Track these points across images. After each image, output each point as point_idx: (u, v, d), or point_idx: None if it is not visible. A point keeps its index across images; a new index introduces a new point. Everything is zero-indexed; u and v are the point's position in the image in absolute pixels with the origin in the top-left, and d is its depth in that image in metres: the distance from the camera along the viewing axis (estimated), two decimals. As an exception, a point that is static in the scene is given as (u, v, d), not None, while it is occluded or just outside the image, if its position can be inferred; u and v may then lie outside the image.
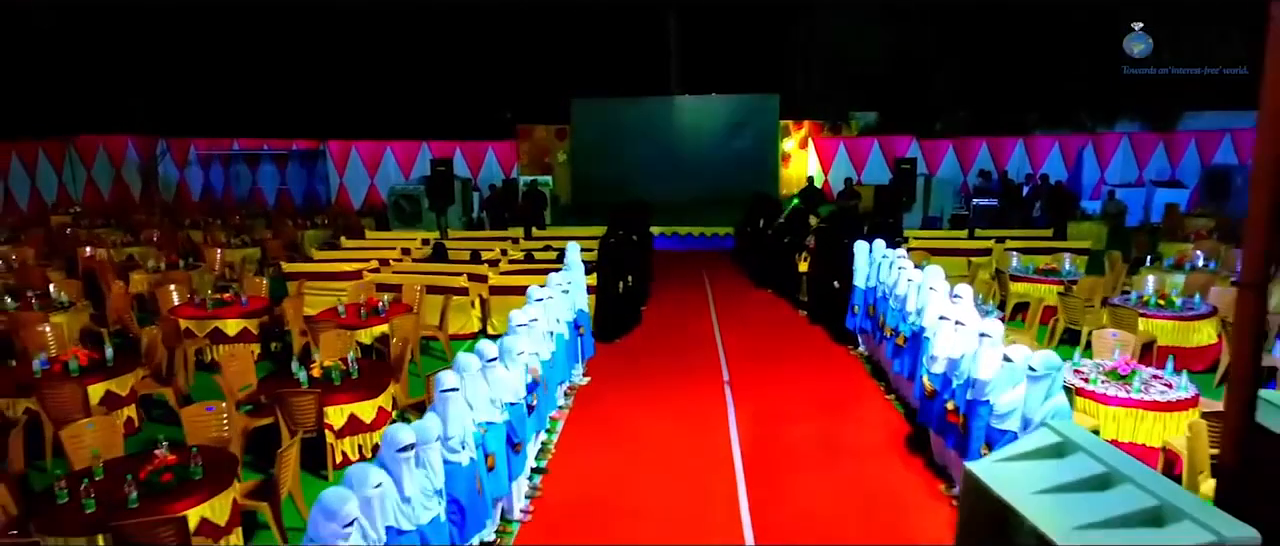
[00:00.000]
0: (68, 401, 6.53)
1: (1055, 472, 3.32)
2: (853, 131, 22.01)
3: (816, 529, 5.57)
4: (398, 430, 4.00)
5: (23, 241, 14.52)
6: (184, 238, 15.53)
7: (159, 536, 4.31)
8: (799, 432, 7.15)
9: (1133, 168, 21.25)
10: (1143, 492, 3.05)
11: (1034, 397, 4.57)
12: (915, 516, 5.64)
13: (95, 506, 4.59)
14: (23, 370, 7.24)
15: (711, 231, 17.92)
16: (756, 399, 8.02)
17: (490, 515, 5.09)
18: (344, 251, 13.20)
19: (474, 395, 4.92)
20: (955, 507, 5.10)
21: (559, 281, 7.74)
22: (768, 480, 6.29)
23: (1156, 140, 20.98)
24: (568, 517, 5.80)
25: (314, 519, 3.44)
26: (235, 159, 23.11)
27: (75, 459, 5.26)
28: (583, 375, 8.61)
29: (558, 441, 7.06)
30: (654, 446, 6.97)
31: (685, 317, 11.31)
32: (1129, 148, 21.17)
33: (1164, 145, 21.05)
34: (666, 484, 6.27)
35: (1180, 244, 13.66)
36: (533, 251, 12.64)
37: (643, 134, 21.19)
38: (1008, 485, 3.31)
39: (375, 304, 9.34)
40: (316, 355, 7.71)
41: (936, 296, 6.69)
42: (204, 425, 5.91)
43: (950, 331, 6.02)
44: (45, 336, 8.21)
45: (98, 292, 11.15)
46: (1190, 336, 8.66)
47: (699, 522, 5.68)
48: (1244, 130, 20.20)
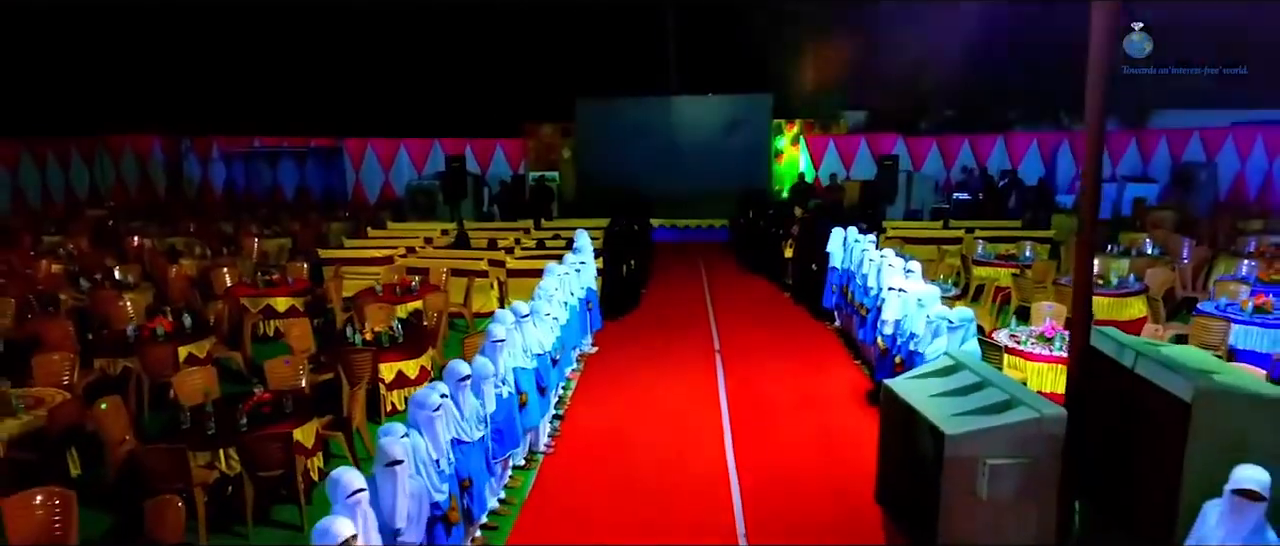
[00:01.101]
0: (162, 360, 7.79)
1: (944, 384, 4.57)
2: (842, 129, 23.24)
3: (786, 457, 6.83)
4: (458, 364, 5.24)
5: (73, 232, 15.77)
6: (217, 230, 16.76)
7: (271, 449, 5.57)
8: (776, 387, 8.42)
9: (1106, 164, 22.43)
10: (1000, 391, 4.30)
11: (953, 343, 5.82)
12: (867, 450, 6.87)
13: (216, 428, 5.84)
14: (115, 337, 8.50)
15: (708, 224, 19.16)
16: (742, 362, 9.29)
17: (521, 441, 6.34)
18: (371, 240, 14.45)
19: (510, 345, 6.17)
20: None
21: (572, 261, 9.00)
22: (748, 423, 7.55)
23: (1129, 138, 22.19)
24: (582, 449, 7.07)
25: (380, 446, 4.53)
26: (256, 156, 24.29)
27: (188, 399, 6.49)
28: (591, 344, 9.86)
29: (572, 396, 8.32)
30: (653, 398, 8.23)
31: (682, 298, 12.58)
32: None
33: (1136, 142, 22.26)
34: (664, 426, 7.54)
35: (1137, 233, 14.90)
36: (543, 240, 13.89)
37: (643, 132, 22.38)
38: (911, 393, 4.56)
39: (408, 284, 10.60)
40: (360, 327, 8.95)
41: (890, 271, 7.94)
42: (283, 375, 7.16)
43: (897, 299, 7.27)
44: (126, 310, 9.46)
45: (150, 277, 12.38)
46: (1123, 310, 9.90)
47: (691, 453, 6.94)
48: (1211, 129, 21.46)
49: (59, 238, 15.33)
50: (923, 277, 7.96)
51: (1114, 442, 4.57)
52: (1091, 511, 5.07)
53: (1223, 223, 16.60)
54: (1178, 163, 21.72)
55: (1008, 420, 4.02)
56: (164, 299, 11.10)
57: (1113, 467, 4.51)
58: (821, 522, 5.77)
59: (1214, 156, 21.83)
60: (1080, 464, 4.35)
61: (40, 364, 7.32)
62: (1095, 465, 4.57)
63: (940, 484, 4.07)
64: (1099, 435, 4.65)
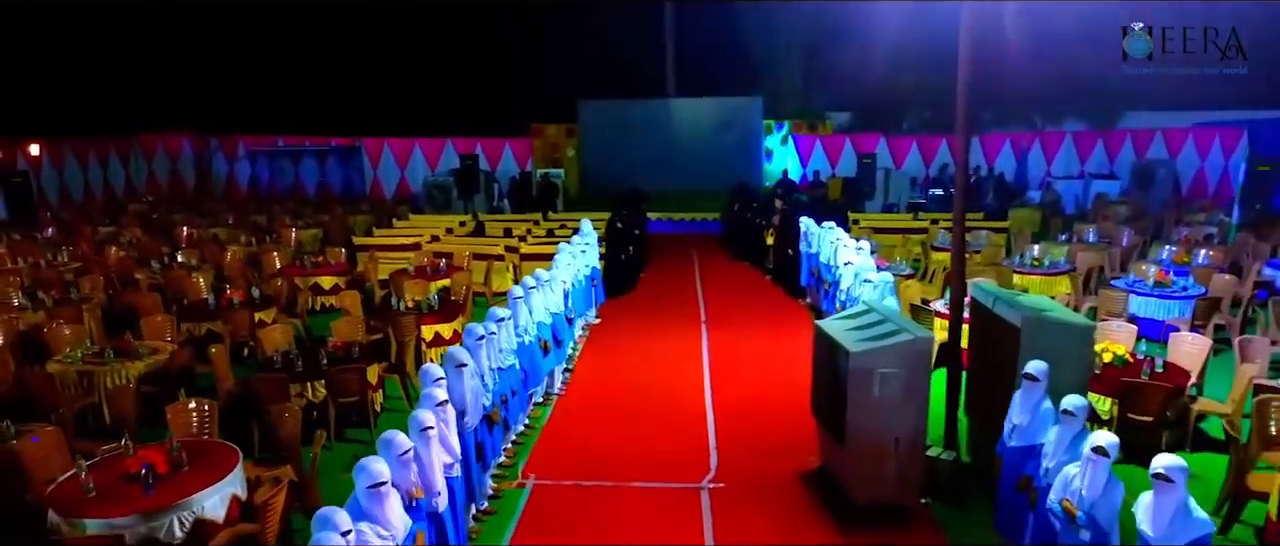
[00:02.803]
0: (241, 323, 9.44)
1: (856, 322, 6.18)
2: (828, 130, 24.87)
3: (750, 393, 8.47)
4: (496, 310, 6.88)
5: (124, 224, 17.43)
6: (251, 222, 18.40)
7: (350, 379, 7.23)
8: (750, 347, 10.07)
9: (1075, 162, 24.03)
10: (892, 324, 5.92)
11: (875, 297, 7.45)
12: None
13: (303, 366, 7.48)
14: (196, 306, 10.15)
15: (702, 216, 20.79)
16: (724, 330, 10.93)
17: (542, 379, 7.99)
18: (397, 230, 16.10)
19: (533, 304, 7.81)
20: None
21: (578, 242, 10.65)
22: (724, 371, 9.21)
23: (1096, 138, 23.78)
24: (588, 390, 8.73)
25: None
26: (280, 154, 25.91)
27: (271, 348, 8.12)
28: (596, 316, 11.51)
29: (580, 354, 9.97)
30: (647, 356, 9.88)
31: (675, 280, 14.22)
32: (1072, 144, 23.96)
33: (1103, 142, 23.83)
34: (655, 374, 9.20)
35: (1088, 224, 16.50)
36: (552, 230, 15.53)
37: (642, 131, 24.02)
38: (833, 329, 6.18)
39: (436, 265, 12.24)
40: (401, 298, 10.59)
41: (845, 250, 9.58)
42: (346, 331, 8.79)
43: (850, 272, 8.91)
44: (199, 285, 11.11)
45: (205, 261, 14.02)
46: (1052, 288, 11.49)
47: (676, 392, 8.60)
48: (1173, 129, 23.05)
49: (113, 228, 16.99)
50: (871, 257, 9.60)
51: (982, 359, 6.25)
52: (974, 426, 6.72)
53: (1171, 215, 18.18)
54: (1141, 161, 23.28)
55: (893, 341, 5.64)
56: (222, 278, 12.77)
57: (981, 377, 6.18)
58: (771, 433, 7.43)
59: (1176, 155, 23.38)
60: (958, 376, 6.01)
61: (146, 325, 8.96)
62: (972, 376, 6.24)
63: (847, 388, 5.70)
64: (974, 355, 6.31)
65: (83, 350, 7.95)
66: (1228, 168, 23.02)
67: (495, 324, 6.63)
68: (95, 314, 9.79)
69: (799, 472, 6.70)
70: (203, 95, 25.74)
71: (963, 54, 6.15)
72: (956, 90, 6.40)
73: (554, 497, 6.44)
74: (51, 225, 17.26)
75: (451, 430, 4.96)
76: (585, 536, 5.83)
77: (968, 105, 6.23)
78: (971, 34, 6.12)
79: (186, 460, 5.40)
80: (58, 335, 8.45)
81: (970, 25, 6.12)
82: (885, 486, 5.86)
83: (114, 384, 7.42)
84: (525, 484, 6.62)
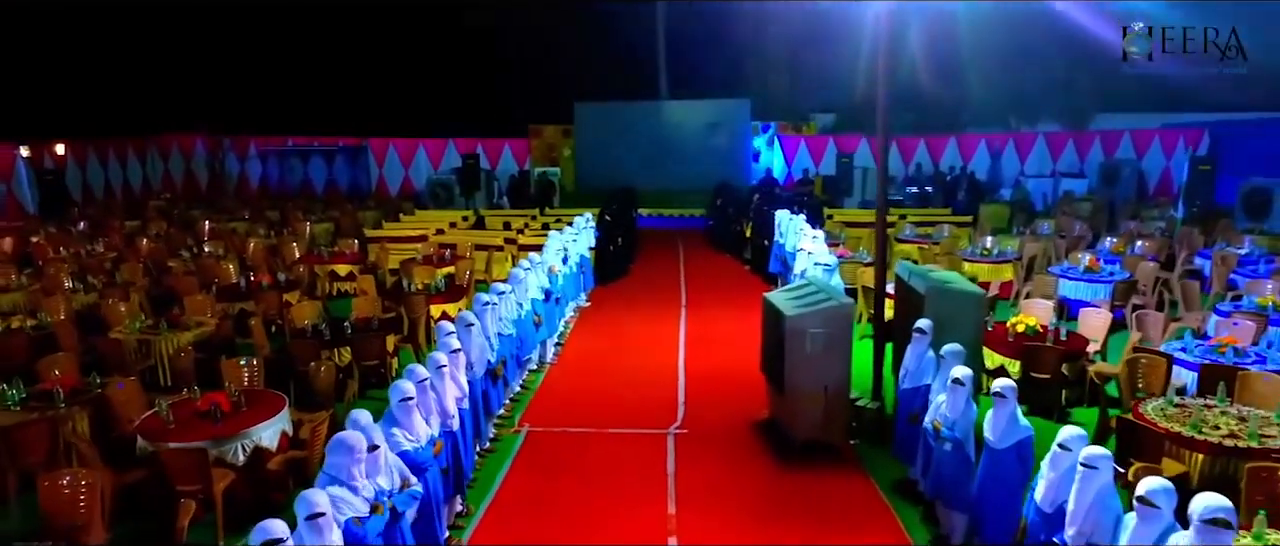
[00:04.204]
0: (272, 303, 10.67)
1: (796, 293, 7.43)
2: (812, 130, 26.11)
3: (716, 361, 9.72)
4: (497, 285, 8.12)
5: (147, 219, 18.67)
6: (265, 217, 19.63)
7: (374, 344, 8.48)
8: (722, 325, 11.32)
9: (1048, 161, 25.25)
10: (823, 293, 7.16)
11: (824, 277, 8.70)
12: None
13: (330, 335, 8.72)
14: (228, 288, 11.38)
15: (691, 212, 22.02)
16: (701, 311, 12.19)
17: (535, 348, 9.24)
18: (404, 224, 17.35)
19: (529, 283, 9.06)
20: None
21: (570, 232, 11.89)
22: (697, 344, 10.47)
23: (1067, 138, 25.01)
24: (577, 360, 9.99)
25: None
26: (289, 154, 27.15)
27: (300, 322, 9.36)
28: (586, 299, 12.75)
29: (571, 332, 11.21)
30: (631, 332, 11.14)
31: (661, 269, 15.48)
32: (1044, 144, 25.18)
33: (1073, 142, 25.05)
34: (636, 346, 10.46)
35: (1047, 219, 17.74)
36: (547, 224, 16.77)
37: (635, 132, 25.23)
38: (776, 299, 7.42)
39: (441, 255, 13.48)
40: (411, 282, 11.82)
41: (803, 239, 10.82)
42: (365, 308, 10.03)
43: (805, 258, 10.16)
44: (228, 271, 12.36)
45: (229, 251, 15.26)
46: (997, 274, 12.76)
47: (653, 361, 9.86)
48: (1140, 130, 24.28)
49: (138, 222, 18.24)
50: (825, 245, 10.85)
51: (903, 324, 7.51)
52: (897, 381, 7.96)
53: (1128, 210, 19.42)
54: (1109, 160, 24.50)
55: (821, 307, 6.88)
56: (245, 266, 14.02)
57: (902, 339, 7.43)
58: (731, 391, 8.69)
59: (1142, 155, 24.60)
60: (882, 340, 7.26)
61: (190, 304, 10.19)
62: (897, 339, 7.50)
63: (785, 346, 6.94)
64: (898, 322, 7.58)
65: (139, 322, 9.20)
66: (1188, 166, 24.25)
67: (497, 296, 7.88)
68: (140, 295, 11.03)
69: (751, 421, 7.95)
70: (215, 97, 27.01)
71: (880, 61, 7.38)
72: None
73: (544, 441, 7.68)
74: (82, 219, 18.50)
75: (461, 372, 6.20)
76: (568, 469, 7.07)
77: (886, 109, 7.46)
78: (884, 41, 7.33)
79: (244, 402, 6.64)
80: (114, 310, 9.70)
81: (882, 31, 7.32)
82: (818, 427, 7.10)
83: (169, 351, 8.66)
84: (520, 431, 7.87)
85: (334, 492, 4.00)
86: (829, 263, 8.98)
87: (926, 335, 6.22)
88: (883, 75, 7.39)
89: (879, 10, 7.34)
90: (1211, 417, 6.16)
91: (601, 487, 6.72)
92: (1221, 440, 5.77)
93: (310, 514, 3.63)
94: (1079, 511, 4.11)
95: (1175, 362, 7.46)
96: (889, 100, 7.60)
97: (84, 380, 7.23)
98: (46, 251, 14.31)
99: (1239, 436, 5.82)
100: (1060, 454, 4.34)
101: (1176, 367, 7.49)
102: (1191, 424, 5.98)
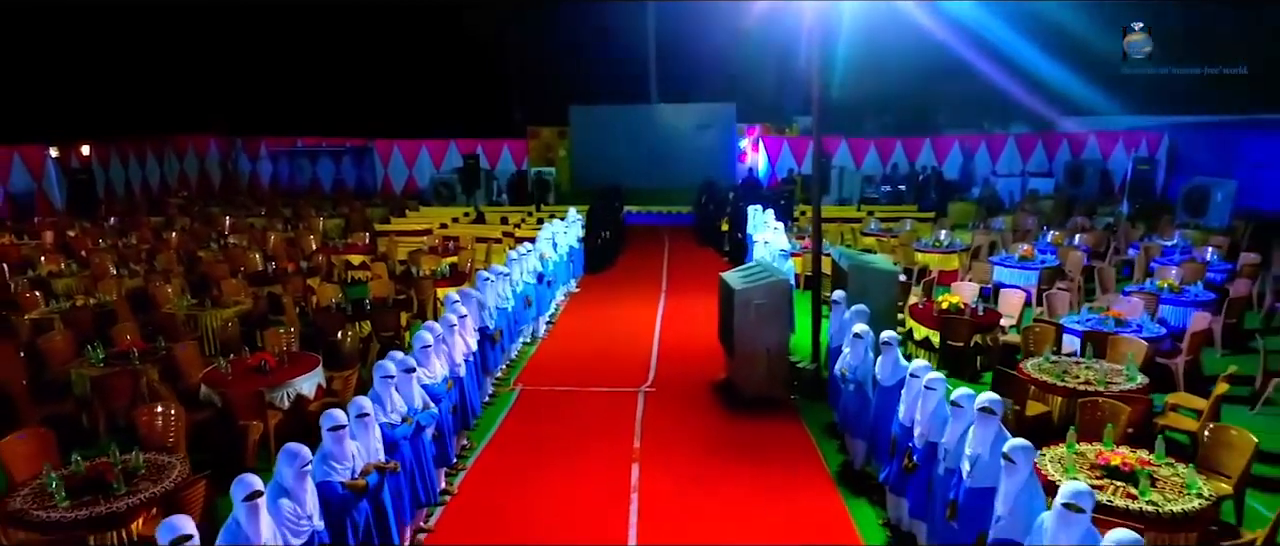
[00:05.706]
0: (298, 286, 12.10)
1: (747, 272, 8.87)
2: (794, 132, 27.55)
3: (686, 334, 11.15)
4: (495, 267, 9.54)
5: (171, 214, 20.10)
6: (280, 214, 21.06)
7: (391, 318, 9.91)
8: (696, 308, 12.74)
9: (1018, 161, 26.64)
10: (769, 272, 8.60)
11: (774, 261, 10.13)
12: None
13: (351, 310, 10.15)
14: (256, 275, 12.81)
15: (678, 210, 23.43)
16: (678, 296, 13.63)
17: (529, 324, 10.67)
18: (411, 219, 18.79)
19: (524, 266, 10.50)
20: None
21: (562, 224, 13.34)
22: (671, 322, 11.91)
23: (1036, 139, 26.40)
24: (566, 334, 11.46)
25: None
26: (298, 154, 28.57)
27: (325, 300, 10.78)
28: (575, 286, 14.18)
29: (561, 312, 12.65)
30: (614, 313, 12.58)
31: (646, 260, 16.92)
32: (1014, 146, 26.57)
33: (1042, 143, 26.44)
34: (618, 324, 11.90)
35: (1012, 215, 19.16)
36: (542, 219, 18.21)
37: (627, 133, 26.64)
38: (731, 278, 8.84)
39: (445, 246, 14.90)
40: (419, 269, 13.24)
41: (765, 230, 12.27)
42: (381, 289, 11.45)
43: (762, 247, 11.61)
44: (255, 259, 13.78)
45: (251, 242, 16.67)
46: (946, 263, 14.18)
47: (632, 334, 11.32)
48: (1105, 132, 25.69)
49: (161, 218, 19.66)
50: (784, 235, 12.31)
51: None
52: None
53: (1084, 207, 20.83)
54: (1074, 160, 25.90)
55: (763, 282, 8.32)
56: (268, 257, 15.45)
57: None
58: (696, 359, 10.12)
59: (1107, 156, 25.99)
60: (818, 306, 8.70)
61: (226, 287, 11.61)
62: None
63: (734, 316, 8.37)
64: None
65: (185, 301, 10.63)
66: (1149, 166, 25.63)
67: (496, 274, 9.32)
68: (179, 280, 12.45)
69: (710, 382, 9.38)
70: (228, 100, 28.43)
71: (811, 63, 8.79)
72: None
73: (535, 397, 9.12)
74: (111, 215, 19.92)
75: (469, 334, 7.64)
76: (555, 418, 8.51)
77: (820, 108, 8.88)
78: (817, 36, 8.72)
79: (287, 360, 8.07)
80: (161, 291, 11.13)
81: (814, 27, 8.71)
82: (763, 383, 8.54)
83: (214, 325, 10.09)
84: (516, 389, 9.31)
85: (374, 399, 5.44)
86: (784, 249, 10.40)
87: (841, 305, 7.65)
88: (817, 78, 8.82)
89: (810, 11, 8.71)
90: (1076, 370, 7.59)
91: (580, 430, 8.16)
92: (1076, 386, 7.20)
93: (359, 413, 5.06)
94: (1005, 501, 4.23)
95: (1065, 330, 8.90)
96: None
97: (150, 344, 8.66)
98: (86, 243, 15.72)
99: (1092, 383, 7.25)
100: (927, 394, 5.54)
101: (1066, 335, 8.93)
102: (1055, 373, 7.41)
